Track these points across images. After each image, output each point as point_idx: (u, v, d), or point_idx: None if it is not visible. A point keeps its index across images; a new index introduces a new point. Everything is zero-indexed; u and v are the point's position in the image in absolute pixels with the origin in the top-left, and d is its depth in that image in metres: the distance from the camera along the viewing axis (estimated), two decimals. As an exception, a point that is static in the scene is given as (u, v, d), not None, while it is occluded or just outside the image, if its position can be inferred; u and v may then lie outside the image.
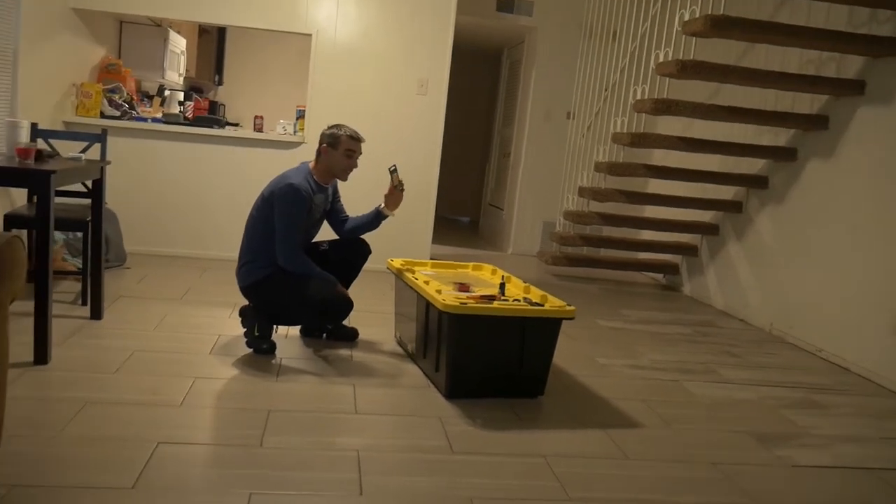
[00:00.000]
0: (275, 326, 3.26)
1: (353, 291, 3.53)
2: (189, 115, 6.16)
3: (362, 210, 3.57)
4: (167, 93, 6.47)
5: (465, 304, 2.73)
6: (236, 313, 3.59)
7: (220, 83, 8.55)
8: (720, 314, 5.05)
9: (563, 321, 2.88)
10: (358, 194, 4.31)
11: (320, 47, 5.11)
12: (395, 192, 3.38)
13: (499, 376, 2.85)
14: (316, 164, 3.29)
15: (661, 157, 5.82)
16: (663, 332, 4.35)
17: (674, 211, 5.49)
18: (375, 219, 3.45)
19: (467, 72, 8.44)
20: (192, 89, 7.83)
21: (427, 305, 2.92)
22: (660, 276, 6.16)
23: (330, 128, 3.28)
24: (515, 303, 2.92)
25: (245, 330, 3.20)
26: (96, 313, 3.44)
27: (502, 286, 3.12)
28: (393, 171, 3.38)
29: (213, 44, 8.27)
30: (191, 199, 5.09)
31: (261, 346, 3.17)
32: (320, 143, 3.27)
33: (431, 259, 5.50)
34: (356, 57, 5.15)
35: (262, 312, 3.19)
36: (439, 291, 2.86)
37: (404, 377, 3.05)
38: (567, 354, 3.62)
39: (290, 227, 3.12)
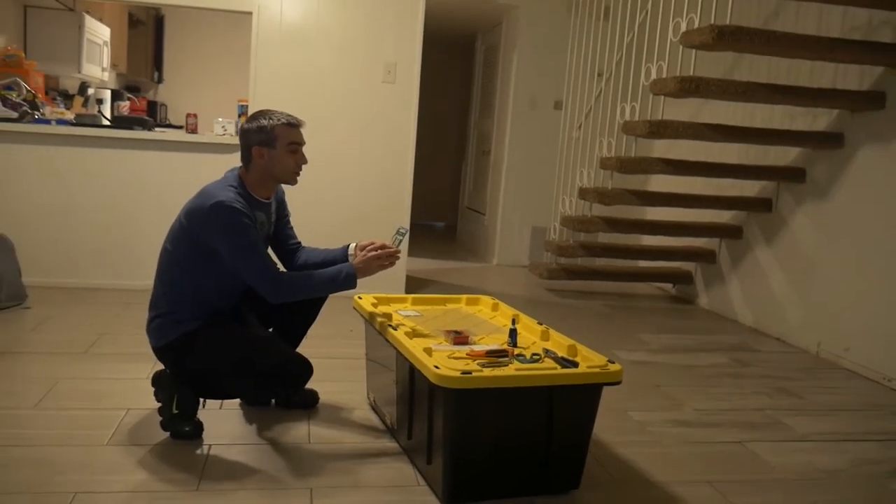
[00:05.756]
0: (202, 400, 2.37)
1: (310, 330, 2.64)
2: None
3: (313, 237, 2.68)
4: (91, 91, 5.53)
5: (469, 372, 1.88)
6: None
7: (160, 80, 7.60)
8: (752, 333, 4.27)
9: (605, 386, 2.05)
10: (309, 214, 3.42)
11: (263, 28, 4.21)
12: (385, 253, 2.37)
13: (518, 468, 2.01)
14: (248, 172, 2.38)
15: (663, 149, 5.01)
16: (697, 364, 3.55)
17: (683, 212, 4.70)
18: (341, 262, 2.48)
19: (435, 59, 7.57)
20: (128, 88, 6.87)
21: (411, 369, 2.07)
22: (669, 287, 5.38)
23: (250, 121, 2.33)
24: (535, 359, 2.08)
25: (160, 405, 2.32)
26: (-41, 384, 2.54)
27: (513, 333, 2.28)
28: (404, 234, 2.48)
29: (149, 36, 7.30)
30: (109, 217, 4.14)
31: (181, 428, 2.27)
32: (247, 145, 2.32)
33: (408, 277, 4.65)
34: (307, 39, 4.26)
35: (184, 380, 2.31)
36: (429, 351, 2.00)
37: (383, 470, 2.18)
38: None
39: (250, 248, 2.20)
